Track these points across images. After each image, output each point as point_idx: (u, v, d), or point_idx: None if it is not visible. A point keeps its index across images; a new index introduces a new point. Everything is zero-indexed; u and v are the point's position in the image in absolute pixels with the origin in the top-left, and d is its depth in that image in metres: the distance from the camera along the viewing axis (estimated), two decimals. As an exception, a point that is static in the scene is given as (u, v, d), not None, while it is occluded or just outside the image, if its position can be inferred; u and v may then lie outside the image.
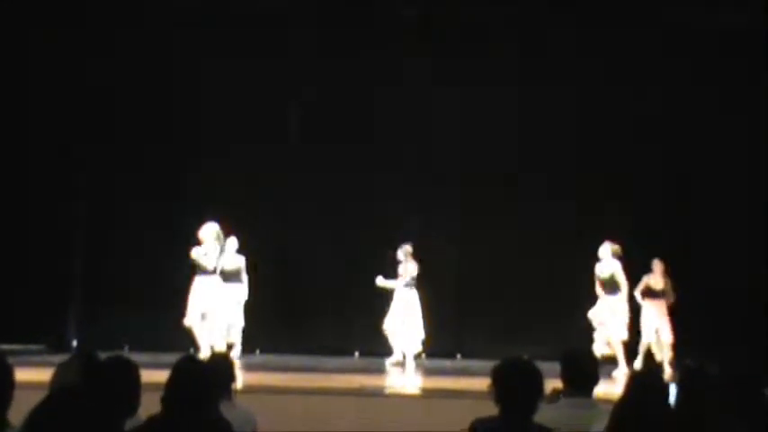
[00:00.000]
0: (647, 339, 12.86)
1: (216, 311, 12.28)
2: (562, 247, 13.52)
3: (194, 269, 12.22)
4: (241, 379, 10.60)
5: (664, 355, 12.71)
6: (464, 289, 13.97)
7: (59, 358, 5.40)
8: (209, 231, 12.22)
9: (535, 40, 14.07)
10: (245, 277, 13.16)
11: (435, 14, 14.03)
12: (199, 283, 12.20)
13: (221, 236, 12.36)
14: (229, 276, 12.91)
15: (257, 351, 13.64)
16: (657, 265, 12.93)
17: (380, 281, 13.10)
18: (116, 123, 14.19)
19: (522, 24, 14.03)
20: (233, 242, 13.01)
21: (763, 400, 4.62)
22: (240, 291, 13.12)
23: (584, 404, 5.24)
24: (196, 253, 12.13)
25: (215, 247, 12.24)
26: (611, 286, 12.29)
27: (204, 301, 12.16)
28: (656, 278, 12.92)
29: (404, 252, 13.12)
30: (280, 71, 14.08)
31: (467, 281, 13.96)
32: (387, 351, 13.26)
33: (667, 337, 12.71)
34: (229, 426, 4.55)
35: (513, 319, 13.45)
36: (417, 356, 13.18)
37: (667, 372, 12.15)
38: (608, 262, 12.34)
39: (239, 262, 13.13)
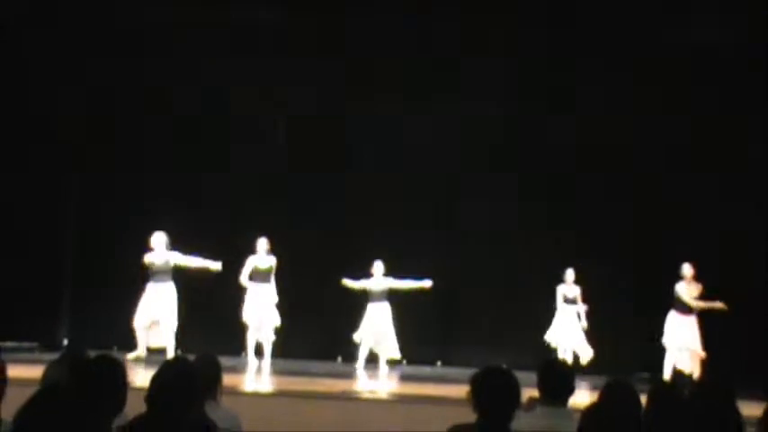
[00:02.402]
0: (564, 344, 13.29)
1: (168, 316, 12.35)
2: (541, 258, 13.48)
3: (146, 274, 12.34)
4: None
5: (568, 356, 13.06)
6: (445, 299, 13.94)
7: (50, 356, 5.38)
8: (161, 240, 12.33)
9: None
10: (272, 278, 13.17)
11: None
12: (153, 288, 12.33)
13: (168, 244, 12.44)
14: (262, 276, 13.03)
15: (243, 354, 13.57)
16: (570, 275, 13.32)
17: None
18: (114, 125, 14.13)
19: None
20: (263, 243, 13.04)
21: (733, 409, 4.63)
22: (271, 290, 13.14)
23: (560, 413, 5.24)
24: (157, 258, 12.26)
25: (167, 255, 12.36)
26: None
27: (157, 306, 12.29)
28: (569, 287, 13.34)
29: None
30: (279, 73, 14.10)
31: (448, 291, 13.93)
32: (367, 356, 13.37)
33: (578, 340, 13.26)
34: (214, 426, 4.52)
35: (492, 328, 13.43)
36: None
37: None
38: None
39: (271, 262, 13.16)
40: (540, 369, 5.66)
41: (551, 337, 13.39)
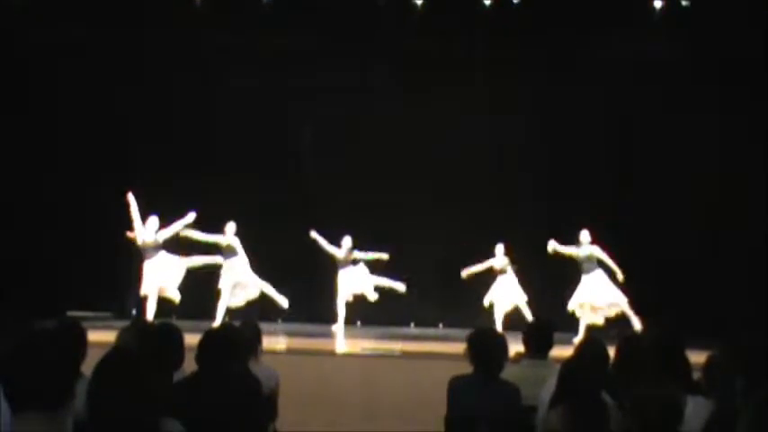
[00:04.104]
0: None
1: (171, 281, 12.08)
2: (531, 232, 13.30)
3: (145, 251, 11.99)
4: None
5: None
6: (446, 269, 13.84)
7: (122, 324, 5.39)
8: (154, 223, 11.98)
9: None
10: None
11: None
12: (157, 260, 11.99)
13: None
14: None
15: (279, 320, 13.55)
16: (500, 249, 13.06)
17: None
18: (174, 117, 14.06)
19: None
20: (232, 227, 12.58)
21: (682, 358, 4.62)
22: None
23: (541, 364, 5.26)
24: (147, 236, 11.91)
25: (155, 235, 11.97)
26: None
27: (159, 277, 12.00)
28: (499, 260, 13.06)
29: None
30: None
31: (449, 262, 13.81)
32: (381, 320, 13.32)
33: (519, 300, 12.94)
34: (257, 380, 4.54)
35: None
36: None
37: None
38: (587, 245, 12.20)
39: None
40: (525, 328, 5.70)
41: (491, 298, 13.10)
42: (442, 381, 4.96)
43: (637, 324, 11.81)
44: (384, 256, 13.26)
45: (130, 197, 11.88)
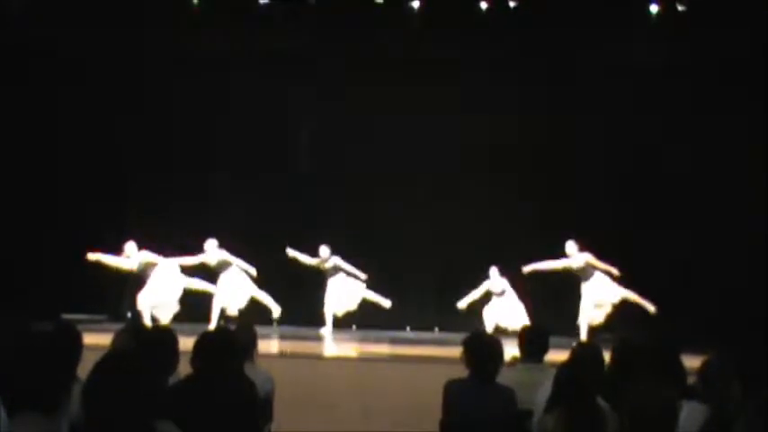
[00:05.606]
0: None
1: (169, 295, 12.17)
2: (526, 238, 13.28)
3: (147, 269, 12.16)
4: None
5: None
6: (443, 274, 13.83)
7: (117, 326, 5.40)
8: (132, 248, 12.14)
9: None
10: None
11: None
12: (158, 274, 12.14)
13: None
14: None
15: (275, 323, 13.52)
16: (494, 272, 12.81)
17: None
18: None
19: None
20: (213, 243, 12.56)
21: (678, 363, 4.64)
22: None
23: (537, 368, 5.29)
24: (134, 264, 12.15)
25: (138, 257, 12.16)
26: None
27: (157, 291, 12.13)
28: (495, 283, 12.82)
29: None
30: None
31: (445, 268, 13.81)
32: (377, 324, 13.29)
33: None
34: (253, 383, 4.54)
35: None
36: None
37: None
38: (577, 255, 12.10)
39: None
40: (520, 332, 5.72)
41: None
42: (438, 385, 4.97)
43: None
44: (362, 276, 13.11)
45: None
